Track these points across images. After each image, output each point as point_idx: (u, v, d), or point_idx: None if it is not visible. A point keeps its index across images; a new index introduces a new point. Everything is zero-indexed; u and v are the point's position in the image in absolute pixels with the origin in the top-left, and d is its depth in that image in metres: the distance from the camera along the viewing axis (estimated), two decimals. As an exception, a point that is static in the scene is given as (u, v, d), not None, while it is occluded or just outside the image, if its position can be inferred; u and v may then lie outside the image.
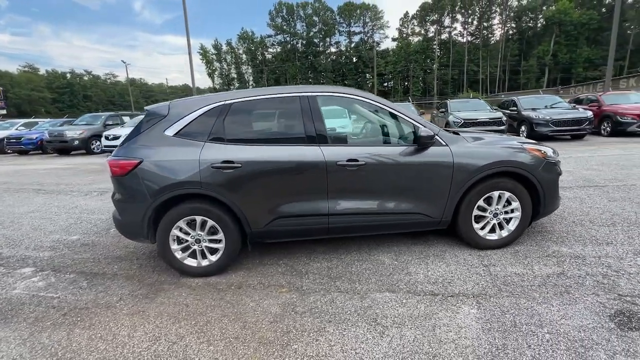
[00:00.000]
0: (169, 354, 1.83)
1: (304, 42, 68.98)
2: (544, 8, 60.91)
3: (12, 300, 2.46)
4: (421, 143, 2.56)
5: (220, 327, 2.06)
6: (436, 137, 2.61)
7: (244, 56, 71.53)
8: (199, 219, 2.57)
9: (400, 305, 2.18)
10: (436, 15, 65.67)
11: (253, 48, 69.74)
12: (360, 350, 1.80)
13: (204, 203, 2.56)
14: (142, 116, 2.78)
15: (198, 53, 68.46)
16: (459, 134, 2.95)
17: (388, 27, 74.16)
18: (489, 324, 1.93)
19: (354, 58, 69.19)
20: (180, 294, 2.46)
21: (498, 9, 63.84)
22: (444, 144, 2.66)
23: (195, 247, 2.65)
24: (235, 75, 72.35)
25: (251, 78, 72.97)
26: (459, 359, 1.69)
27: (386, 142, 2.82)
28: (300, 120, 2.63)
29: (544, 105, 11.04)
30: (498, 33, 64.58)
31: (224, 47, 71.35)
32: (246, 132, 2.71)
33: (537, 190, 2.74)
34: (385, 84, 71.41)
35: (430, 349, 1.77)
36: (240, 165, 2.49)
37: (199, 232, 2.62)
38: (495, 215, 2.80)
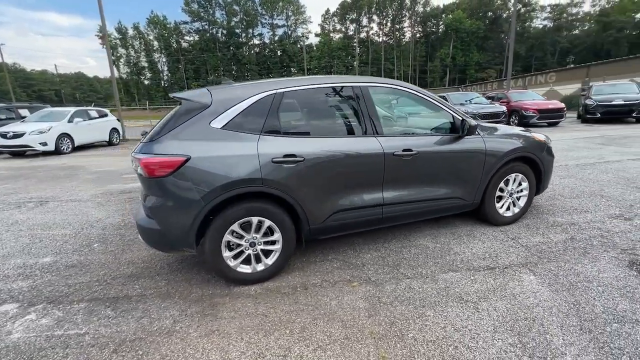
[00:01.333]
0: (291, 368, 1.66)
1: (225, 31, 65.32)
2: (444, 16, 69.70)
3: (20, 347, 1.87)
4: (469, 132, 2.77)
5: (321, 330, 1.94)
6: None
7: (155, 43, 64.20)
8: (255, 220, 2.33)
9: (472, 281, 2.37)
10: (355, 14, 69.21)
11: (166, 34, 63.09)
12: (470, 326, 1.91)
13: (262, 202, 2.33)
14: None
15: (97, 36, 59.02)
16: None
17: (310, 22, 75.25)
18: (553, 287, 2.25)
19: (279, 52, 68.47)
20: (245, 305, 2.21)
21: (407, 13, 70.53)
22: (477, 133, 2.93)
23: (250, 251, 2.40)
24: (146, 64, 64.54)
25: (166, 68, 66.14)
26: (552, 318, 1.94)
27: (431, 132, 2.95)
28: (355, 111, 2.58)
29: (465, 100, 12.77)
30: (408, 35, 71.45)
31: (130, 32, 62.89)
32: (302, 123, 2.54)
33: (540, 171, 3.23)
34: (310, 79, 72.72)
35: (525, 314, 1.99)
36: (303, 158, 2.33)
37: (254, 235, 2.38)
38: (511, 194, 3.22)
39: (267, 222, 2.36)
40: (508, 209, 3.25)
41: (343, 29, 71.35)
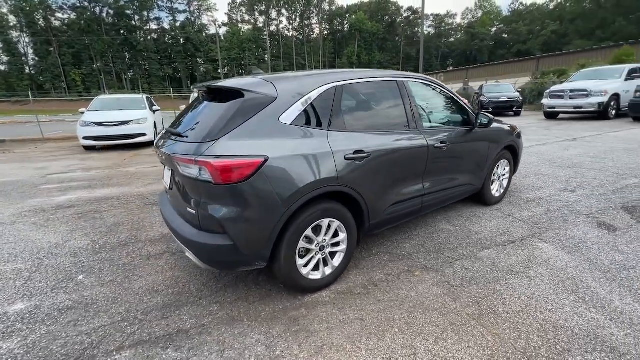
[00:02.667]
0: (431, 364, 1.66)
1: (112, 12, 55.94)
2: (348, 15, 74.11)
3: None
4: (486, 127, 3.10)
5: (425, 322, 1.96)
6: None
7: (12, 18, 50.83)
8: (326, 221, 2.18)
9: (508, 255, 2.71)
10: (264, 6, 67.76)
11: (28, 9, 50.51)
12: (538, 293, 2.21)
13: (334, 202, 2.19)
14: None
15: None
16: None
17: (216, 10, 70.61)
18: (567, 250, 2.74)
19: (182, 39, 62.24)
20: (331, 313, 2.08)
21: (315, 10, 72.56)
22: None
23: (319, 255, 2.24)
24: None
25: (31, 50, 53.18)
26: (585, 275, 2.39)
27: (454, 125, 3.17)
28: (404, 105, 2.62)
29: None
30: (317, 31, 73.68)
31: (-30, 1, 48.29)
32: (360, 117, 2.44)
33: (517, 155, 3.86)
34: (219, 71, 68.49)
35: (565, 274, 2.39)
36: (368, 154, 2.27)
37: (324, 238, 2.23)
38: (499, 178, 3.75)
39: (336, 223, 2.24)
40: (497, 190, 3.79)
41: (252, 20, 69.20)
